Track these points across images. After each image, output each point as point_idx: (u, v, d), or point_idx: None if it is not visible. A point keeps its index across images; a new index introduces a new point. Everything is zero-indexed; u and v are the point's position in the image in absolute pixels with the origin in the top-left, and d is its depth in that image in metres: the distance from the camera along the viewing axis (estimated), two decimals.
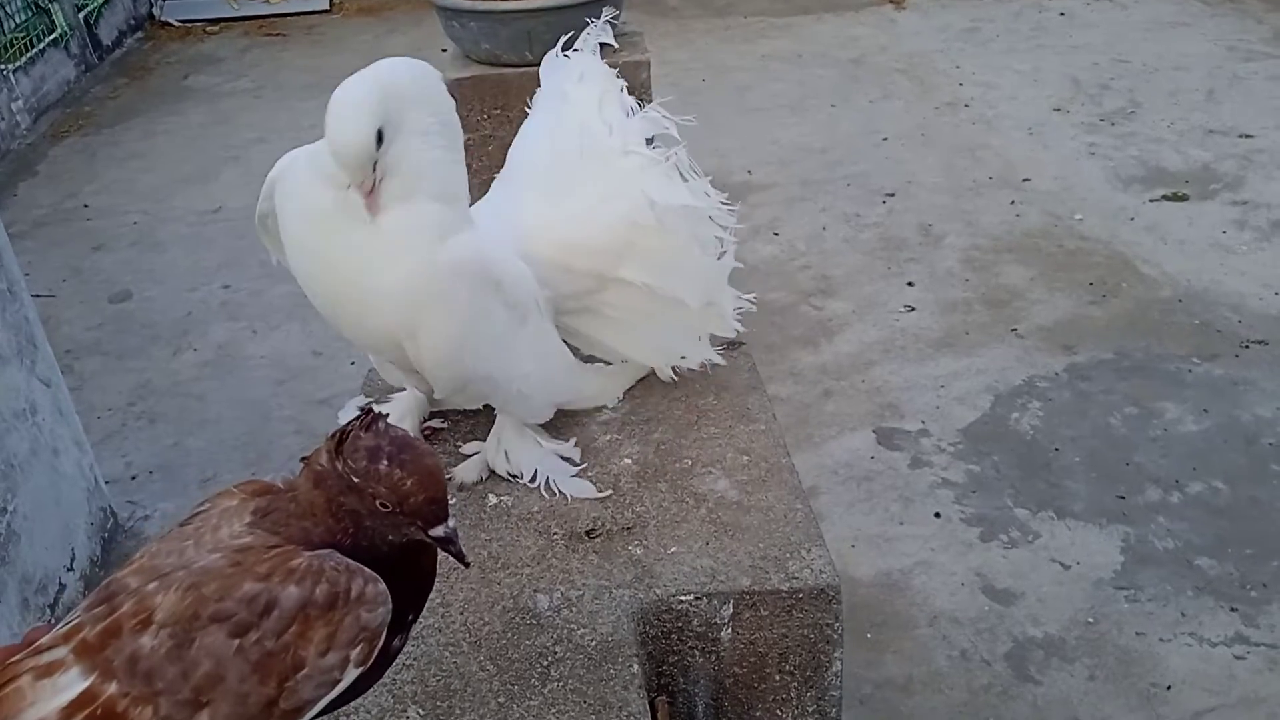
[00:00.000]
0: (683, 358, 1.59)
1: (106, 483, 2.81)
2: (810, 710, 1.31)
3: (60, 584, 2.46)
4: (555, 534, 1.34)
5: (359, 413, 0.86)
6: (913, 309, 3.53)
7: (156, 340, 3.64)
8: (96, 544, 2.66)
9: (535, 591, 1.25)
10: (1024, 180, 4.29)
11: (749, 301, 1.58)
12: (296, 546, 0.82)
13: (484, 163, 2.24)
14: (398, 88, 1.23)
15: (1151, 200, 4.09)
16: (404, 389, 1.55)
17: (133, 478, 3.01)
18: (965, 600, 2.45)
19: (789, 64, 5.61)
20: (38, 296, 3.79)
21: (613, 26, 1.70)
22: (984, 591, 2.47)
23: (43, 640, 0.82)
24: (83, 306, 3.86)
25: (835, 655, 1.28)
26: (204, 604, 0.79)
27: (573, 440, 1.49)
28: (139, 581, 0.81)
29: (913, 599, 2.46)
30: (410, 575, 0.89)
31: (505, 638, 1.20)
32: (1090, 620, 2.38)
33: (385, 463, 0.83)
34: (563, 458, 1.46)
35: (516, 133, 2.23)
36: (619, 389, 1.60)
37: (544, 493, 1.41)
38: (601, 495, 1.40)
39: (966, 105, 4.99)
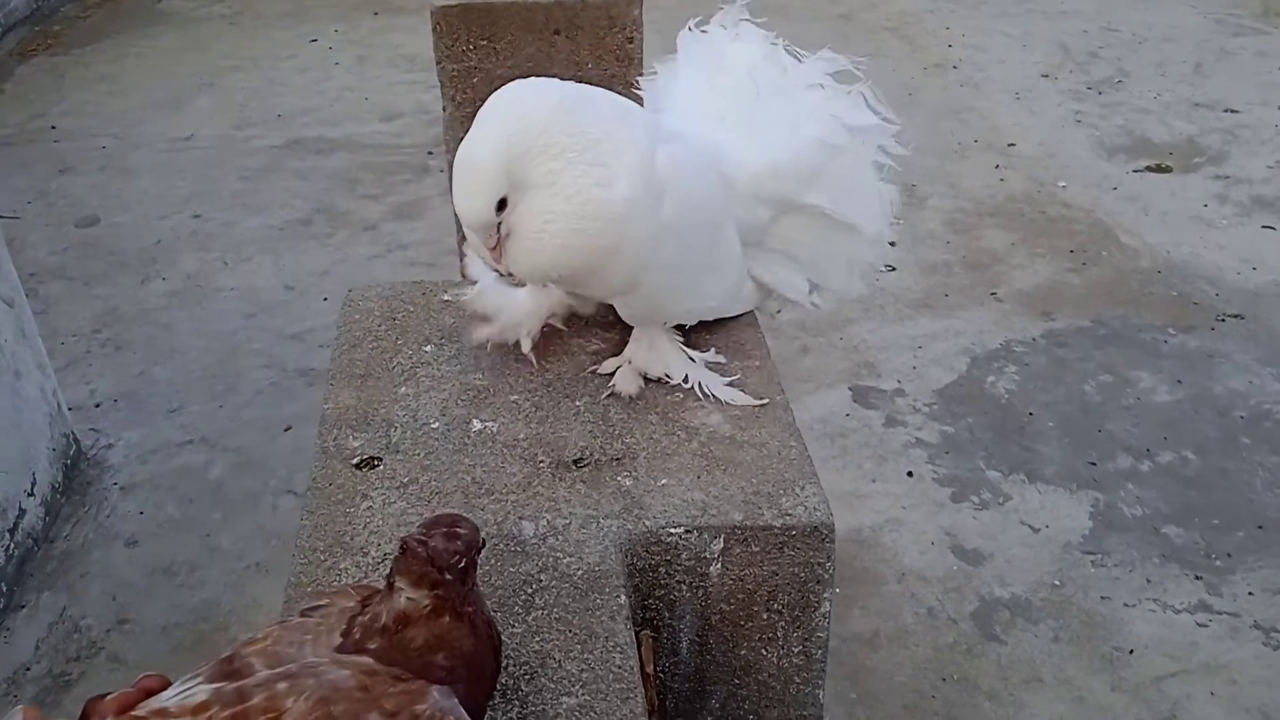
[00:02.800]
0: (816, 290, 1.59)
1: (70, 409, 2.75)
2: (796, 650, 1.30)
3: (20, 509, 2.41)
4: (542, 462, 1.31)
5: (401, 549, 0.90)
6: (893, 269, 3.51)
7: (124, 267, 3.55)
8: (59, 470, 2.60)
9: (520, 519, 1.23)
10: (1009, 145, 4.27)
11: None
12: (424, 684, 0.86)
13: (468, 95, 2.17)
14: (525, 142, 1.20)
15: (1135, 170, 4.08)
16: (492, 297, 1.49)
17: (97, 405, 2.95)
18: (934, 559, 2.46)
19: (776, 17, 5.45)
20: (1, 218, 3.69)
21: None
22: (953, 551, 2.48)
23: (170, 706, 0.83)
24: (48, 230, 3.76)
25: (825, 595, 1.27)
26: None
27: (712, 349, 1.48)
28: (263, 664, 0.85)
29: (882, 556, 2.47)
30: (494, 668, 0.96)
31: (489, 563, 1.17)
32: (1057, 583, 2.40)
33: (460, 529, 0.92)
34: (710, 366, 1.46)
35: (504, 65, 2.15)
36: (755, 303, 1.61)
37: (699, 393, 1.40)
38: (759, 403, 1.40)
39: (955, 67, 4.95)
